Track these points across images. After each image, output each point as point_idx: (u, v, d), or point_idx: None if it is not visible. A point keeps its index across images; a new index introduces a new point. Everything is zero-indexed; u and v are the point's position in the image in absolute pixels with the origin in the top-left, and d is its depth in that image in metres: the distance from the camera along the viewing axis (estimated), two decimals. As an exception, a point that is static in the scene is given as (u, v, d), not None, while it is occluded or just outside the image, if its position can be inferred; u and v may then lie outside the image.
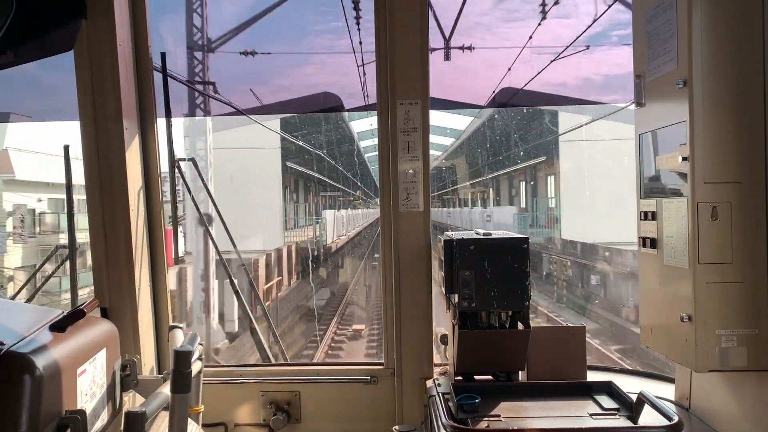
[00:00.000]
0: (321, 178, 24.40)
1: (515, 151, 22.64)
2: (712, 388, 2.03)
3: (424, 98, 2.64)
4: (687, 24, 1.73)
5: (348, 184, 26.98)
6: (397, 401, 2.72)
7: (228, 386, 2.82)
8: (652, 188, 1.99)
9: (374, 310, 14.72)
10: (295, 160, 20.48)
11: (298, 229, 22.15)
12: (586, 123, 15.21)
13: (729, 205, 1.73)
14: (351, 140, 23.00)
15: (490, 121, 21.92)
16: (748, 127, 1.73)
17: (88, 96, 2.62)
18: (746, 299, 1.73)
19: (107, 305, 2.68)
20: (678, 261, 1.81)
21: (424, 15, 2.62)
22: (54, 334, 1.67)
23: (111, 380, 1.91)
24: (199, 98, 11.25)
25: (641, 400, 1.92)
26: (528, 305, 2.20)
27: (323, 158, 21.83)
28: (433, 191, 22.46)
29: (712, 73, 1.73)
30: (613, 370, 3.01)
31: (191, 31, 11.26)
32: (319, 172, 23.42)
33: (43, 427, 1.45)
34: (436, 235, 2.53)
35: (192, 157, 3.03)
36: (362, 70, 10.42)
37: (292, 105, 11.16)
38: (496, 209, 27.78)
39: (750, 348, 1.72)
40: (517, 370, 2.35)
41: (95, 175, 2.65)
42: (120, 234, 2.67)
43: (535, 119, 20.33)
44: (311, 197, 26.36)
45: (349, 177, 25.35)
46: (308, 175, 23.29)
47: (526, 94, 9.95)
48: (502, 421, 1.93)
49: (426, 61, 2.63)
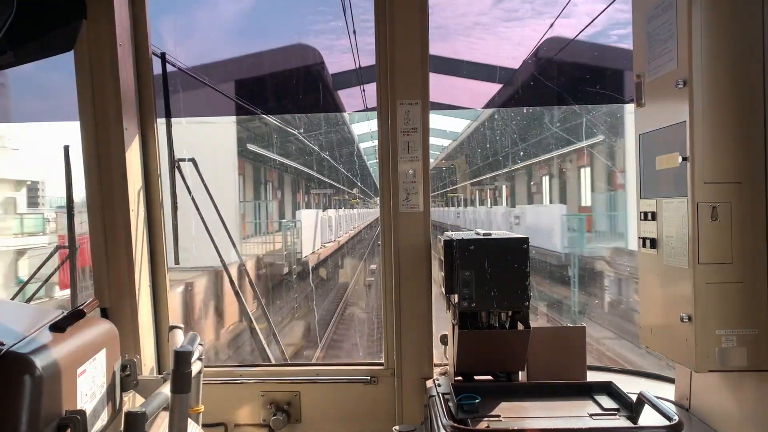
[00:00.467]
0: (303, 169, 19.84)
1: (551, 132, 16.22)
2: (712, 388, 2.03)
3: (424, 99, 2.64)
4: (687, 24, 1.73)
5: (339, 179, 22.61)
6: (397, 401, 2.72)
7: (228, 386, 2.82)
8: (652, 188, 1.99)
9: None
10: (262, 144, 16.50)
11: (268, 236, 16.32)
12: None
13: (729, 205, 1.73)
14: (343, 127, 18.40)
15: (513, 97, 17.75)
16: (748, 127, 1.73)
17: (88, 96, 2.62)
18: (746, 299, 1.73)
19: (107, 305, 2.68)
20: (678, 261, 1.81)
21: (424, 15, 2.62)
22: (54, 334, 1.67)
23: (111, 380, 1.91)
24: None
25: (641, 400, 1.92)
26: (528, 305, 2.20)
27: (304, 143, 17.20)
28: (437, 189, 20.52)
29: (712, 73, 1.73)
30: (613, 370, 3.01)
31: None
32: (306, 165, 19.33)
33: (43, 428, 1.45)
34: (437, 235, 2.53)
35: (192, 158, 3.02)
36: (360, 70, 10.30)
37: (265, 59, 9.33)
38: (529, 209, 19.95)
39: (750, 348, 1.73)
40: (517, 370, 2.35)
41: (95, 176, 2.65)
42: (120, 234, 2.67)
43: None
44: (288, 193, 21.56)
45: (340, 170, 20.87)
46: (284, 165, 18.82)
47: (578, 46, 7.96)
48: (502, 421, 1.93)
49: (426, 62, 2.63)
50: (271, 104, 12.95)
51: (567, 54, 9.09)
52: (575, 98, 11.40)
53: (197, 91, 8.87)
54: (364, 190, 26.51)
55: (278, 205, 20.58)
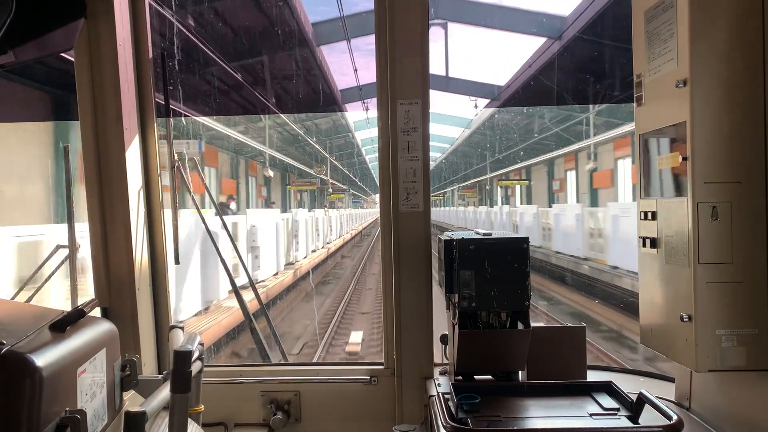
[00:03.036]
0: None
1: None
2: (712, 388, 2.03)
3: (424, 98, 2.64)
4: (687, 24, 1.73)
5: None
6: (397, 401, 2.72)
7: (228, 386, 2.82)
8: (652, 188, 1.99)
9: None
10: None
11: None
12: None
13: (729, 205, 1.73)
14: (332, 103, 15.60)
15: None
16: (748, 127, 1.73)
17: (87, 96, 2.62)
18: (746, 299, 1.73)
19: (107, 305, 2.68)
20: (678, 261, 1.81)
21: (425, 14, 2.62)
22: (54, 334, 1.67)
23: (111, 380, 1.91)
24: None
25: (641, 399, 1.93)
26: (528, 305, 2.20)
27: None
28: (443, 182, 19.52)
29: (712, 73, 1.73)
30: (613, 369, 3.01)
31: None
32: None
33: (42, 427, 1.45)
34: (437, 236, 2.53)
35: (192, 158, 3.02)
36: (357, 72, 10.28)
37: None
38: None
39: (750, 348, 1.73)
40: (517, 370, 2.35)
41: (95, 175, 2.65)
42: (120, 234, 2.67)
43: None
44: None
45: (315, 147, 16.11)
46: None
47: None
48: (502, 421, 1.93)
49: (426, 61, 2.63)
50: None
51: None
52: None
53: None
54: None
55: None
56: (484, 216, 24.50)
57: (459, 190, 53.21)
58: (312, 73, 15.34)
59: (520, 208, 20.79)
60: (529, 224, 18.91)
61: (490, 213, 24.66)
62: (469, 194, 49.87)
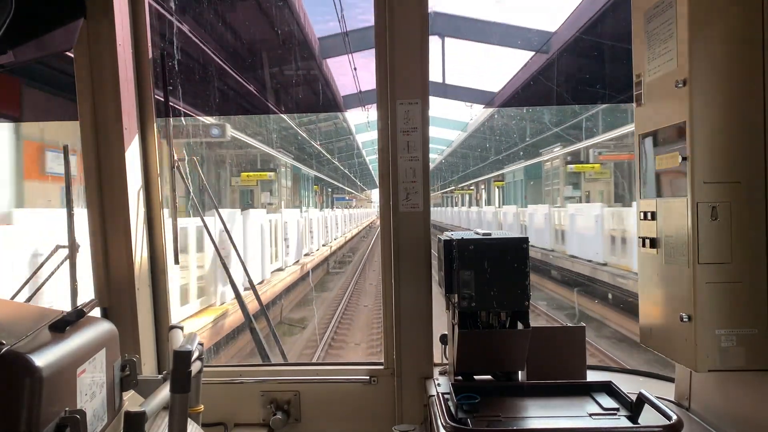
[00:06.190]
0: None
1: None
2: (712, 388, 2.03)
3: (424, 98, 2.64)
4: (686, 24, 1.73)
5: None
6: (397, 401, 2.72)
7: (228, 386, 2.82)
8: (652, 188, 1.99)
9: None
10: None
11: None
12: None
13: (729, 205, 1.73)
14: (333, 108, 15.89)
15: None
16: (748, 127, 1.73)
17: (87, 96, 2.62)
18: (746, 299, 1.73)
19: (107, 305, 2.68)
20: (678, 261, 1.81)
21: (424, 14, 2.62)
22: (54, 334, 1.67)
23: (111, 380, 1.91)
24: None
25: (641, 399, 1.93)
26: (528, 305, 2.20)
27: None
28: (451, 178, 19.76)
29: (711, 73, 1.73)
30: (612, 369, 3.01)
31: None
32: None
33: (42, 427, 1.45)
34: (436, 235, 2.53)
35: (193, 157, 3.02)
36: (356, 72, 10.28)
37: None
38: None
39: (749, 348, 1.73)
40: (516, 370, 2.35)
41: (95, 175, 2.65)
42: (120, 234, 2.67)
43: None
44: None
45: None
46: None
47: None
48: (501, 421, 1.93)
49: (426, 61, 2.63)
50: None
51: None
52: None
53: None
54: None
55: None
56: (475, 215, 28.12)
57: (448, 193, 56.06)
58: (312, 73, 15.46)
59: (503, 208, 24.90)
60: (511, 222, 23.31)
61: (479, 212, 28.64)
62: (458, 193, 53.22)
